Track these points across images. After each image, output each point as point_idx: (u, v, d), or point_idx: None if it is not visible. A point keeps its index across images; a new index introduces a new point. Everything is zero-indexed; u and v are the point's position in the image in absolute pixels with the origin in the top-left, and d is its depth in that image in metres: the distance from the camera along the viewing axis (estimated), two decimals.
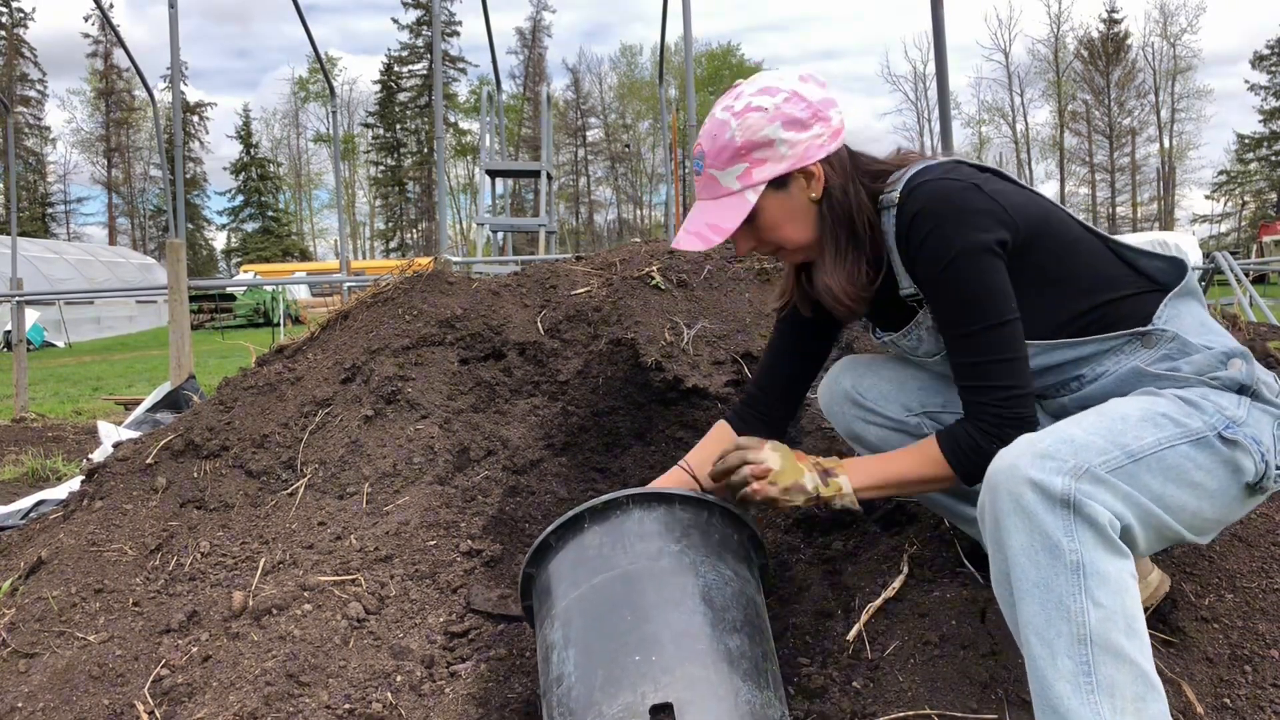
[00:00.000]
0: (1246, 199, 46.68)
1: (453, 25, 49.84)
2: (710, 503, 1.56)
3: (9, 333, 13.31)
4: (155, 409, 4.68)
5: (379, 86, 52.89)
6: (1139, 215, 49.03)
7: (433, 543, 2.08)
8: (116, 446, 2.68)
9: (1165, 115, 47.53)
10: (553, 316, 2.95)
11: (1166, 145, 47.68)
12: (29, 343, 13.38)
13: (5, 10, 44.36)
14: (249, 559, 2.10)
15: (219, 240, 54.53)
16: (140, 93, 46.20)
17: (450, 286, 3.00)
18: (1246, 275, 8.64)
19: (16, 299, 7.99)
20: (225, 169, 52.71)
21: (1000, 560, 1.25)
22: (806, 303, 1.71)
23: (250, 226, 52.46)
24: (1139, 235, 26.48)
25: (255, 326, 24.57)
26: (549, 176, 12.00)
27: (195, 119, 49.39)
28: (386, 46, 69.90)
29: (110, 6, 26.35)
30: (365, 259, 47.58)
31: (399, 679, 1.69)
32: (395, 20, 53.38)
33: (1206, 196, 48.06)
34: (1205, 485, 1.30)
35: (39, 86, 47.06)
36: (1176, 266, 1.51)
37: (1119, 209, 49.48)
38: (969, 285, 1.39)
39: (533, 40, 52.87)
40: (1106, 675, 1.16)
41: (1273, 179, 45.13)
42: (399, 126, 53.03)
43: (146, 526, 2.25)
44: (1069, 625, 1.18)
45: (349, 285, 8.40)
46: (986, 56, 71.25)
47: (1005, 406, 1.41)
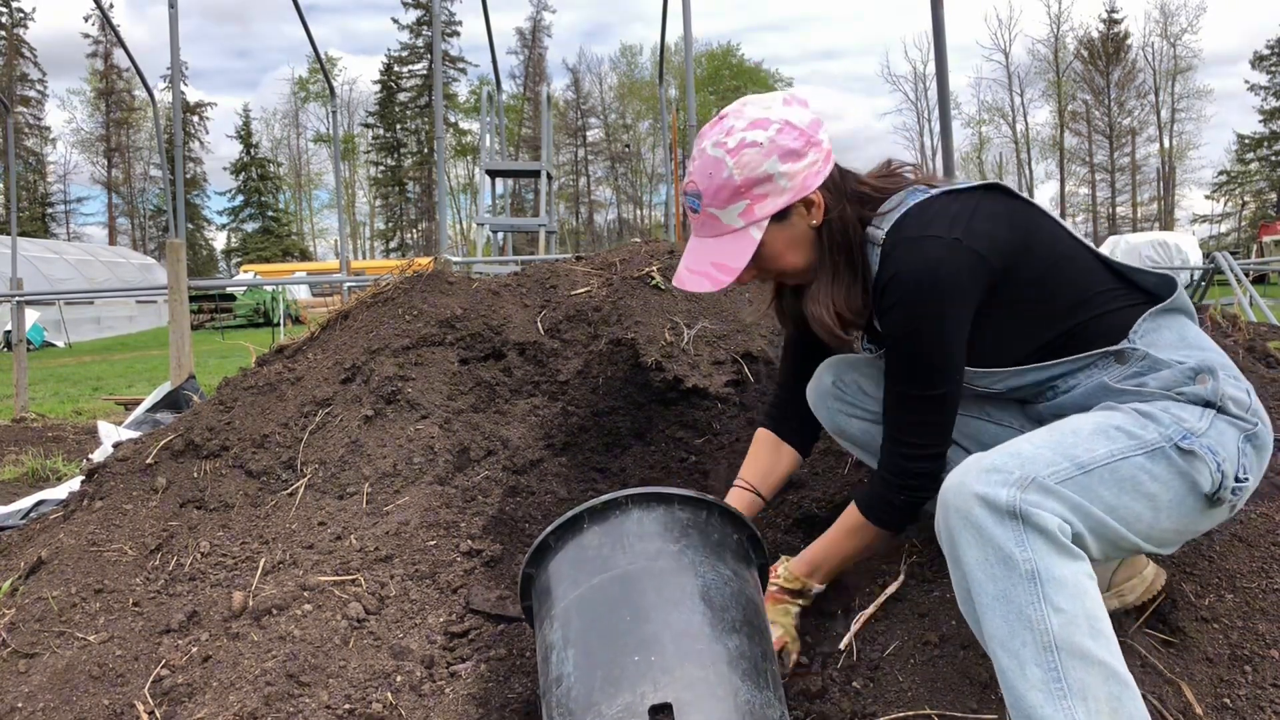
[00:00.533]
0: (1246, 199, 46.65)
1: (453, 25, 49.85)
2: (709, 502, 1.56)
3: (9, 333, 13.31)
4: (155, 409, 4.68)
5: (379, 86, 52.90)
6: (1139, 215, 49.02)
7: (433, 543, 2.08)
8: (116, 446, 2.68)
9: (1165, 115, 47.55)
10: (553, 316, 2.95)
11: (1166, 145, 47.68)
12: (29, 343, 13.39)
13: (5, 10, 44.36)
14: (249, 559, 2.10)
15: (219, 240, 54.57)
16: (140, 93, 46.25)
17: (450, 286, 3.00)
18: (1246, 275, 8.65)
19: (16, 299, 7.99)
20: (225, 169, 52.73)
21: (960, 577, 1.27)
22: (787, 320, 1.78)
23: (250, 226, 52.44)
24: (1139, 235, 26.45)
25: (255, 326, 24.56)
26: (549, 176, 12.00)
27: (195, 119, 49.36)
28: (386, 46, 69.93)
29: (110, 6, 26.35)
30: (365, 259, 47.57)
31: (399, 679, 1.69)
32: (395, 20, 53.37)
33: (1206, 196, 48.08)
34: (1160, 496, 1.30)
35: (39, 86, 47.05)
36: (1166, 283, 1.51)
37: (1119, 209, 49.50)
38: (920, 358, 1.44)
39: (533, 40, 52.87)
40: (1077, 679, 1.16)
41: (1273, 179, 45.11)
42: (399, 126, 53.02)
43: (146, 526, 2.25)
44: (1032, 634, 1.18)
45: (349, 285, 8.40)
46: (986, 56, 71.38)
47: (914, 463, 1.50)
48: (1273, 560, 1.72)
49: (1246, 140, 45.55)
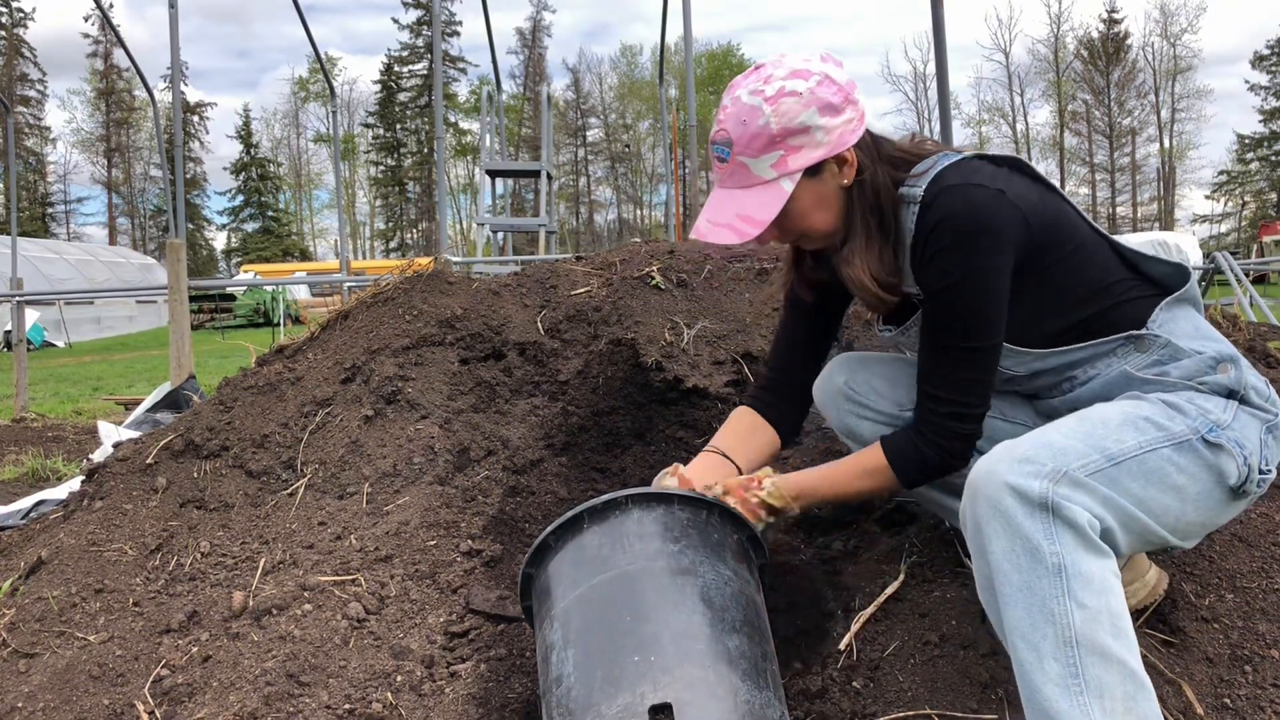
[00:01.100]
0: (1246, 199, 46.67)
1: (453, 25, 49.87)
2: (709, 502, 1.56)
3: (9, 333, 13.31)
4: (155, 409, 4.69)
5: (379, 86, 52.93)
6: (1139, 215, 49.04)
7: (433, 543, 2.08)
8: (116, 446, 2.68)
9: (1165, 115, 47.56)
10: (553, 316, 2.95)
11: (1166, 145, 47.70)
12: (29, 343, 13.38)
13: (5, 10, 44.39)
14: (249, 559, 2.10)
15: (219, 240, 54.62)
16: (140, 93, 46.25)
17: (450, 286, 3.00)
18: (1246, 275, 8.63)
19: (16, 299, 8.00)
20: (225, 169, 52.78)
21: (983, 566, 1.25)
22: (807, 288, 1.71)
23: (250, 226, 52.48)
24: (1139, 235, 26.47)
25: (255, 326, 24.56)
26: (549, 176, 12.00)
27: (195, 119, 49.38)
28: (386, 46, 69.98)
29: (110, 6, 26.35)
30: (365, 259, 47.59)
31: (399, 679, 1.69)
32: (395, 20, 53.44)
33: (1206, 196, 48.10)
34: (1187, 489, 1.30)
35: (39, 86, 47.11)
36: (1179, 272, 1.50)
37: (1119, 209, 49.49)
38: (966, 307, 1.41)
39: (533, 40, 52.87)
40: (1095, 676, 1.15)
41: (1273, 179, 45.12)
42: (399, 126, 53.04)
43: (146, 526, 2.25)
44: (1054, 628, 1.17)
45: (349, 285, 8.40)
46: (986, 56, 71.41)
47: (957, 421, 1.46)
48: (1273, 560, 1.72)
49: (1246, 140, 45.58)
